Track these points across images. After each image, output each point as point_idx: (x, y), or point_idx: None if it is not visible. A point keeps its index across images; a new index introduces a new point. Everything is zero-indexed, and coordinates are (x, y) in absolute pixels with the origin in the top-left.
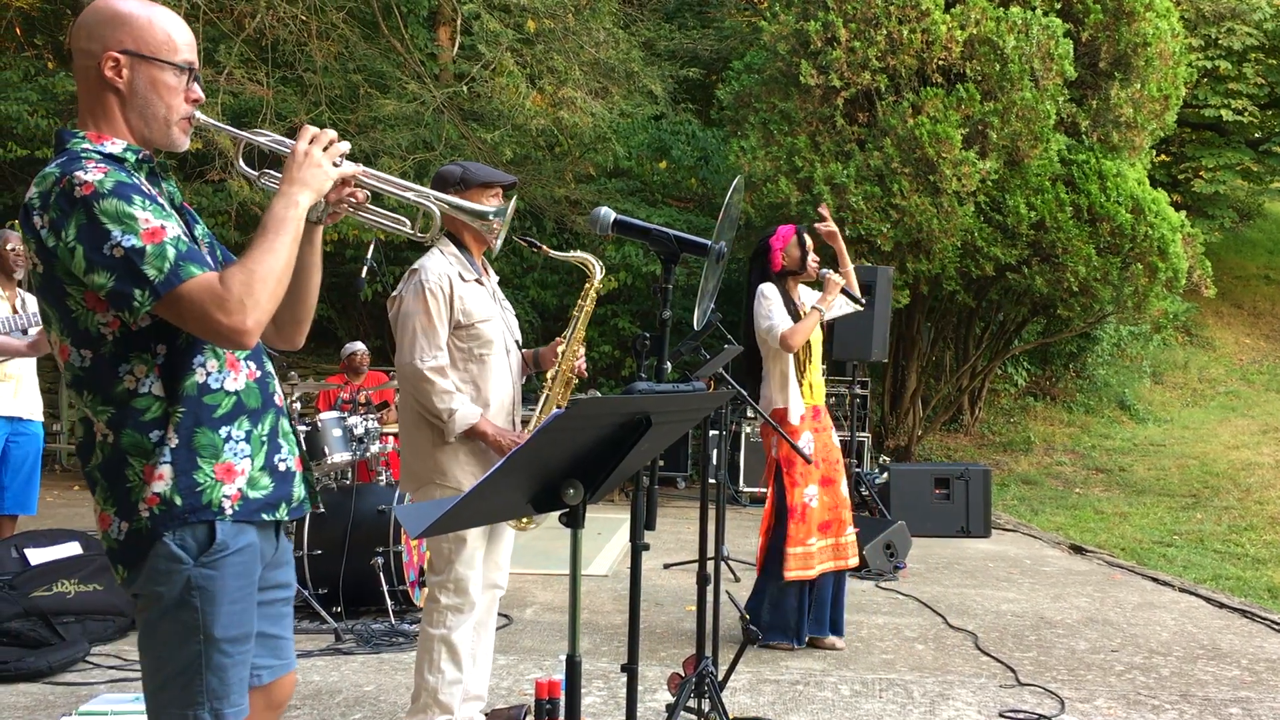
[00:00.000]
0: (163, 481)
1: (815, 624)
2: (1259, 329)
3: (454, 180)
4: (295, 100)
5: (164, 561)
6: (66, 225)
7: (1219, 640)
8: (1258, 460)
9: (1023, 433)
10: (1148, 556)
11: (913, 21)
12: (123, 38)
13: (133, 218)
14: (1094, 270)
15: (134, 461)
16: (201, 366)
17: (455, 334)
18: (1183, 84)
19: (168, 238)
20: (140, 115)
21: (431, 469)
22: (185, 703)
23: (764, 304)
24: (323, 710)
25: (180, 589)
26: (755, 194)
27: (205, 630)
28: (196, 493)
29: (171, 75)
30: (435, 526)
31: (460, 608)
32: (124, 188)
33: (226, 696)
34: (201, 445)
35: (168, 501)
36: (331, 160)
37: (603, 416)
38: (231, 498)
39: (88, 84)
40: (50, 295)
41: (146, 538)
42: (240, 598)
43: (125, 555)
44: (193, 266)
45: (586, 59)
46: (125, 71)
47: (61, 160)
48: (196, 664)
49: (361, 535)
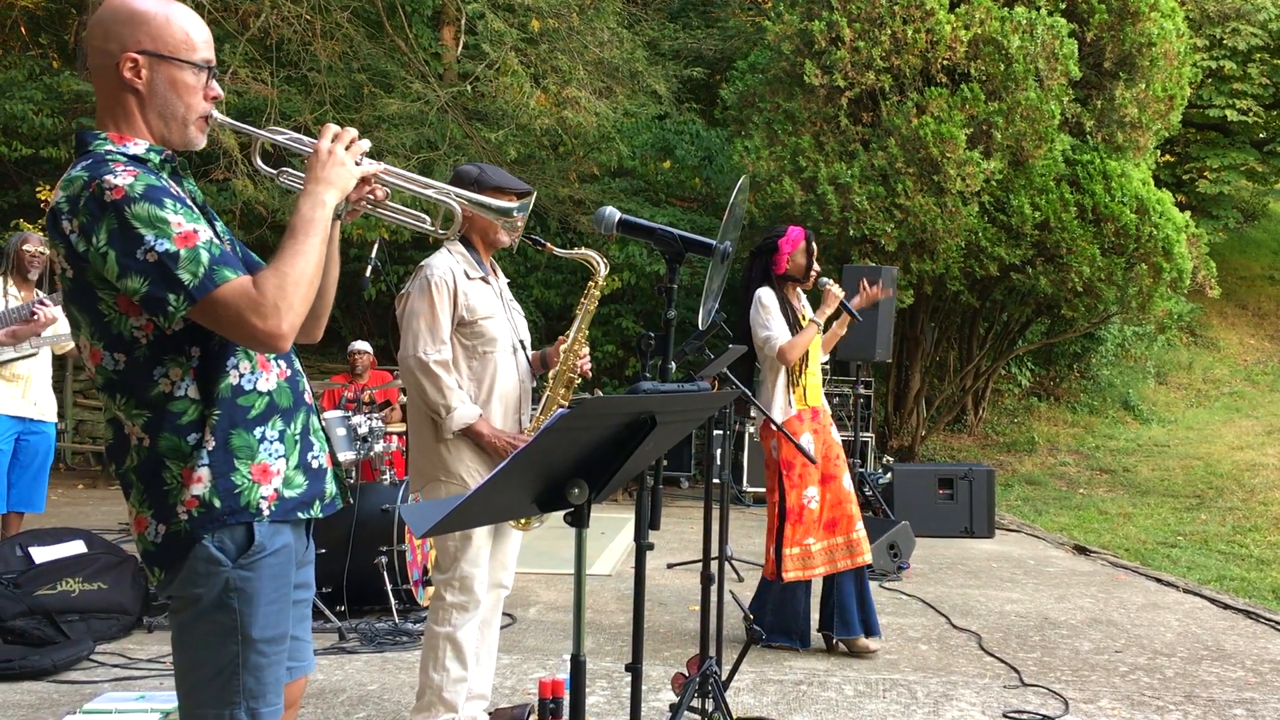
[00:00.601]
0: (201, 484)
1: (843, 626)
2: (1263, 329)
3: (470, 180)
4: (300, 100)
5: (203, 564)
6: (98, 230)
7: (1223, 641)
8: (1262, 461)
9: (1026, 433)
10: (1152, 557)
11: (917, 21)
12: (140, 37)
13: (165, 222)
14: (1098, 270)
15: (171, 465)
16: (235, 369)
17: (459, 330)
18: (1187, 84)
19: (200, 241)
20: (160, 115)
21: (436, 465)
22: (222, 703)
23: (762, 313)
24: (326, 709)
25: (219, 591)
26: (759, 194)
27: (243, 631)
28: (235, 494)
29: (190, 74)
30: (440, 526)
31: (465, 606)
32: (155, 191)
33: (263, 696)
34: (238, 447)
35: (207, 504)
36: (354, 159)
37: (608, 416)
38: (268, 498)
39: (106, 84)
40: (81, 300)
41: (185, 540)
42: (277, 598)
43: (163, 558)
44: (227, 270)
45: (590, 59)
46: (144, 72)
47: (87, 163)
48: (234, 664)
49: (365, 534)
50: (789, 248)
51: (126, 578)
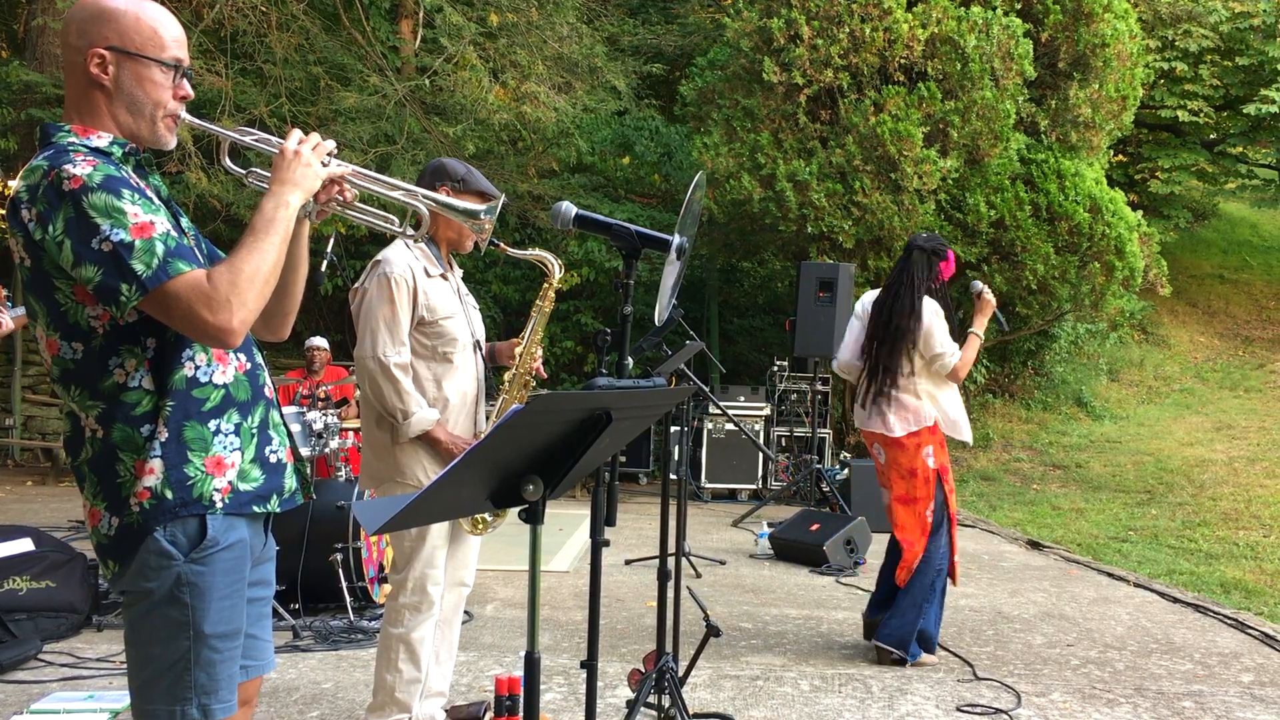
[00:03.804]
0: (153, 476)
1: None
2: (1213, 327)
3: (456, 177)
4: (255, 92)
5: (154, 557)
6: (55, 218)
7: (1173, 634)
8: (1211, 457)
9: (981, 429)
10: (1103, 552)
11: (875, 20)
12: (108, 34)
13: (122, 212)
14: (1052, 268)
15: (125, 456)
16: (190, 360)
17: (418, 330)
18: (1140, 85)
19: (156, 233)
20: (128, 111)
21: (390, 467)
22: (174, 698)
23: (938, 326)
24: (280, 707)
25: (170, 585)
26: (718, 190)
27: (195, 626)
28: (187, 486)
29: (158, 72)
30: (393, 522)
31: (419, 606)
32: (113, 181)
33: (215, 692)
34: (190, 439)
35: (159, 495)
36: (320, 159)
37: (563, 412)
38: (222, 491)
39: (75, 79)
40: (38, 289)
41: (138, 532)
42: (230, 594)
43: (116, 551)
44: (181, 263)
45: (550, 53)
46: (111, 68)
47: (49, 154)
48: (186, 660)
49: (320, 531)
50: (950, 270)
51: (76, 576)
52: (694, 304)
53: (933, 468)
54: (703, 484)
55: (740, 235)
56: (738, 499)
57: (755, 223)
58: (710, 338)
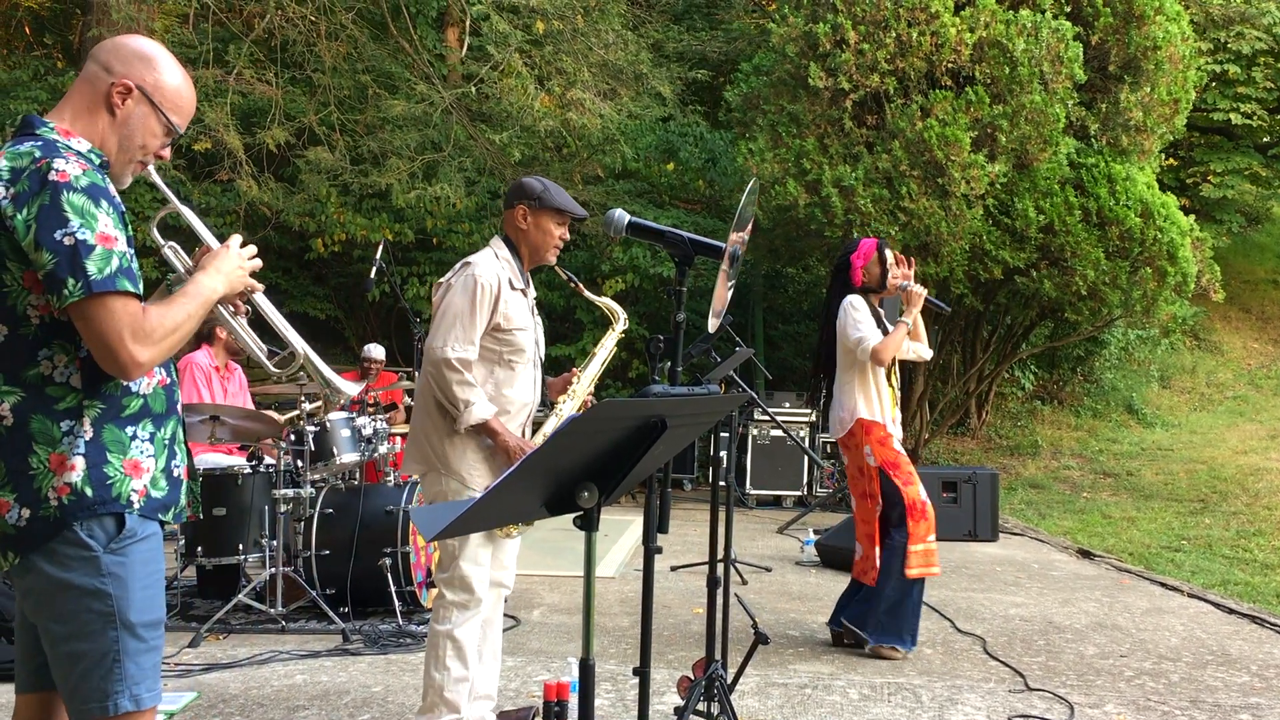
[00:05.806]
0: (75, 472)
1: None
2: (1267, 333)
3: (533, 195)
4: (304, 100)
5: (72, 548)
6: (31, 202)
7: (1228, 646)
8: (1266, 465)
9: (1030, 436)
10: (1156, 561)
11: (922, 24)
12: (146, 76)
13: (94, 217)
14: (1102, 274)
15: (39, 449)
16: None
17: (491, 334)
18: (1192, 88)
19: (117, 248)
20: (119, 140)
21: (438, 455)
22: (105, 692)
23: (852, 315)
24: (331, 711)
25: (91, 575)
26: (763, 196)
27: (121, 616)
28: (107, 485)
29: (160, 126)
30: (450, 529)
31: (466, 604)
32: (96, 189)
33: (144, 681)
34: (109, 441)
35: (79, 492)
36: (249, 271)
37: (618, 420)
38: (139, 492)
39: (88, 89)
40: None
41: (53, 525)
42: (150, 583)
43: (22, 542)
44: (128, 283)
45: (595, 60)
46: (129, 102)
47: (40, 144)
48: (115, 652)
49: (369, 536)
50: (861, 260)
51: None
52: (739, 310)
53: (874, 465)
54: (747, 490)
55: (785, 241)
56: (782, 505)
57: (800, 228)
58: (755, 343)
